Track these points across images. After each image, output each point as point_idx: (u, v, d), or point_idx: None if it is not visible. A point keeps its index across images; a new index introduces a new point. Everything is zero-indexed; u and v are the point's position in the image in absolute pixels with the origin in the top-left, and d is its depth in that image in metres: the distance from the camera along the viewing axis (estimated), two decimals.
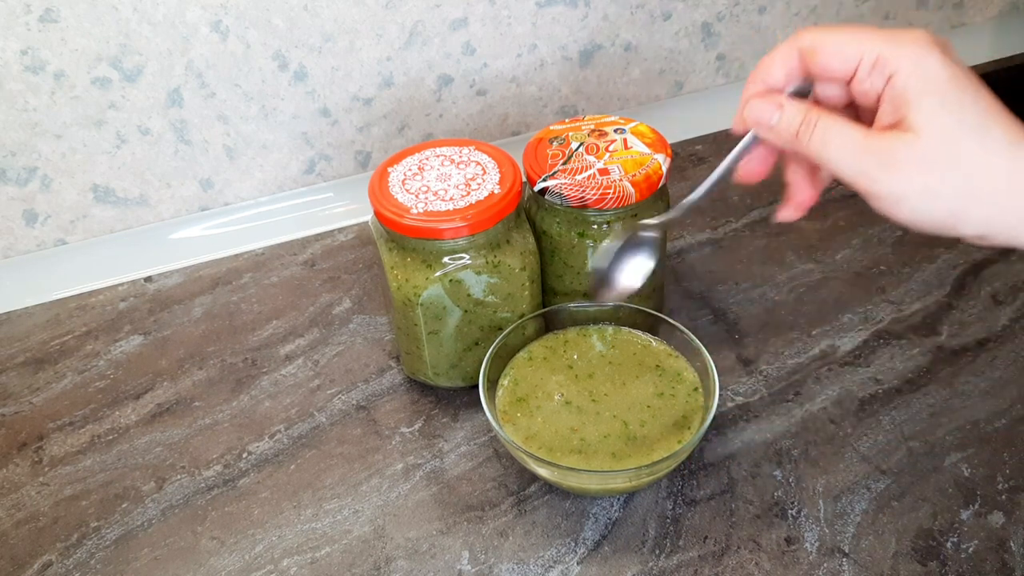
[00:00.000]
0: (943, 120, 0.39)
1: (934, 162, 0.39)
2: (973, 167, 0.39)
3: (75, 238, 0.76)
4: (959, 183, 0.39)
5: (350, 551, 0.54)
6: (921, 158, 0.39)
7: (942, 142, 0.39)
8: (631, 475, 0.52)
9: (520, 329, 0.59)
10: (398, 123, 0.80)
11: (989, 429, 0.59)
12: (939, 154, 0.39)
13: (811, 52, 0.42)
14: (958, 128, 0.39)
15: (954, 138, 0.39)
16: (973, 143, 0.39)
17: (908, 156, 0.39)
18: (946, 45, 0.40)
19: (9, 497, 0.59)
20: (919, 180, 0.39)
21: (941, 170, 0.39)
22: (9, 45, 0.65)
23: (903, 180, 0.40)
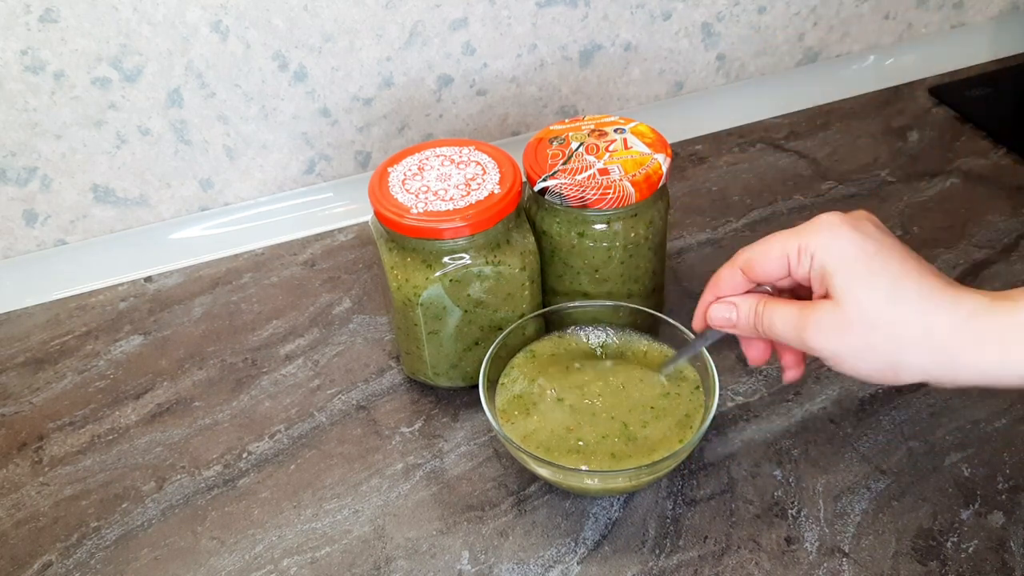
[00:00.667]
0: (856, 291, 0.45)
1: (855, 324, 0.45)
2: (890, 326, 0.44)
3: (75, 238, 0.76)
4: (881, 341, 0.45)
5: (350, 551, 0.54)
6: (844, 322, 0.45)
7: (859, 311, 0.45)
8: (630, 475, 0.52)
9: (520, 329, 0.59)
10: (398, 123, 0.80)
11: (989, 429, 0.59)
12: (858, 320, 0.45)
13: (748, 266, 0.50)
14: (870, 293, 0.45)
15: (868, 305, 0.45)
16: (884, 307, 0.44)
17: (833, 322, 0.45)
18: (858, 219, 0.47)
19: (9, 497, 0.59)
20: (846, 343, 0.45)
21: (863, 331, 0.45)
22: (9, 45, 0.66)
23: (834, 343, 0.46)
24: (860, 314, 0.45)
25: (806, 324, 0.46)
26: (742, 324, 0.50)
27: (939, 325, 0.44)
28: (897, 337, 0.44)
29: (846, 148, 0.85)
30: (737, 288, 0.51)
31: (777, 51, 0.91)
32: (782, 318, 0.48)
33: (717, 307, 0.51)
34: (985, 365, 0.43)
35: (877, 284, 0.45)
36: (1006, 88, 0.92)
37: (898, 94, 0.92)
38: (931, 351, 0.44)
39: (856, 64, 0.94)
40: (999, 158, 0.83)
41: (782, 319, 0.48)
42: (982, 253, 0.72)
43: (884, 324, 0.44)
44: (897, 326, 0.44)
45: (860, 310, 0.45)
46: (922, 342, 0.44)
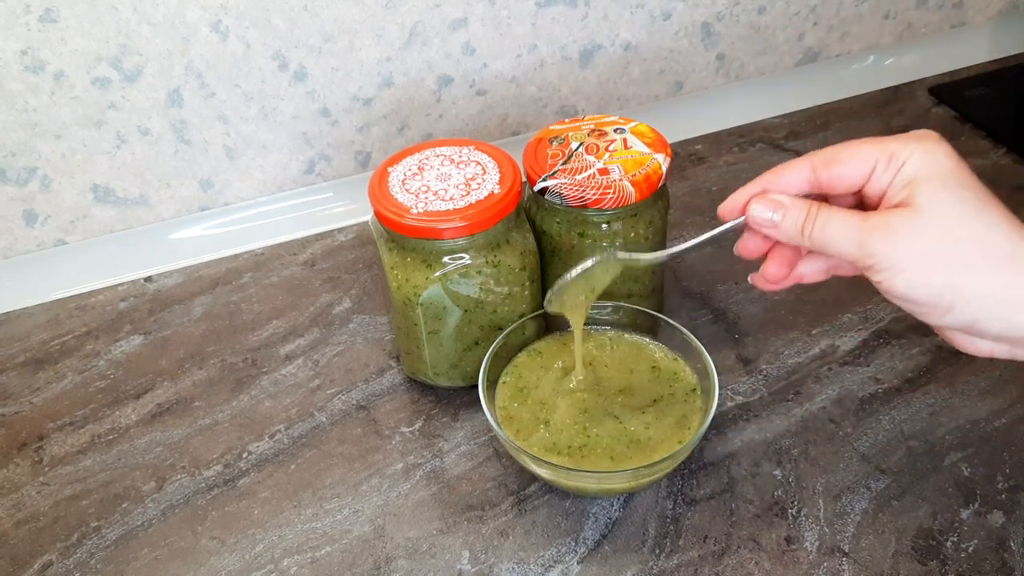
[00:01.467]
0: (943, 198, 0.41)
1: (932, 232, 0.41)
2: (970, 241, 0.41)
3: (75, 238, 0.76)
4: (956, 254, 0.41)
5: (350, 551, 0.54)
6: (920, 229, 0.41)
7: (941, 216, 0.41)
8: (630, 476, 0.52)
9: (520, 329, 0.59)
10: (398, 123, 0.80)
11: (989, 429, 0.59)
12: (938, 226, 0.41)
13: (826, 162, 0.45)
14: (957, 205, 0.41)
15: (953, 213, 0.41)
16: (971, 219, 0.41)
17: (907, 228, 0.41)
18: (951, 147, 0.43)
19: (9, 497, 0.59)
20: (917, 248, 0.41)
21: (938, 240, 0.41)
22: (9, 45, 0.66)
23: (901, 249, 0.41)
24: (942, 219, 0.41)
25: (872, 226, 0.42)
26: (787, 228, 0.45)
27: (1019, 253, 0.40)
28: (973, 255, 0.40)
29: None
30: (791, 188, 0.46)
31: (777, 51, 0.91)
32: (843, 224, 0.43)
33: (761, 202, 0.45)
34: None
35: (967, 201, 0.41)
36: (1006, 88, 0.92)
37: (898, 94, 0.92)
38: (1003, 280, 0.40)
39: (856, 64, 0.94)
40: (999, 158, 0.83)
41: (842, 225, 0.43)
42: None
43: (966, 234, 0.40)
44: (978, 239, 0.40)
45: (943, 215, 0.41)
46: (999, 266, 0.40)
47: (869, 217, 0.43)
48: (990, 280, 0.41)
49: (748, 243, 0.49)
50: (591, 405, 0.56)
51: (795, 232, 0.44)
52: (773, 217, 0.45)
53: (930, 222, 0.41)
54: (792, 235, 0.45)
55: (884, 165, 0.43)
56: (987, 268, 0.41)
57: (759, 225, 0.46)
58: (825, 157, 0.45)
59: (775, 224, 0.45)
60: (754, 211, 0.46)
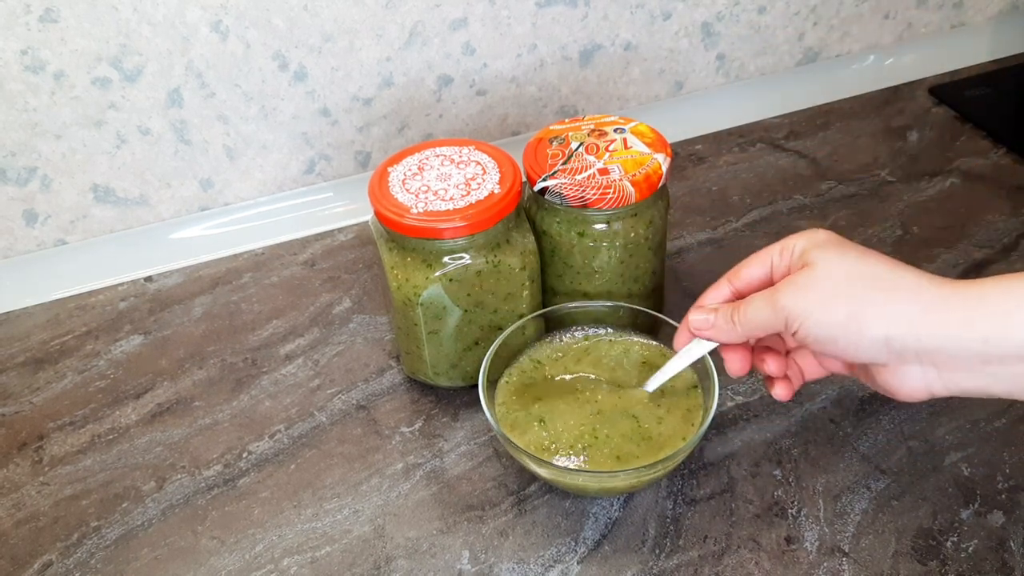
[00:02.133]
0: (831, 254, 0.48)
1: (826, 278, 0.47)
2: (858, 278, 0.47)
3: (75, 238, 0.76)
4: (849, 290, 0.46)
5: (350, 551, 0.55)
6: (816, 278, 0.47)
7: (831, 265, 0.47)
8: (629, 476, 0.52)
9: (520, 329, 0.59)
10: (398, 123, 0.80)
11: (989, 429, 0.59)
12: (829, 273, 0.47)
13: (733, 273, 0.53)
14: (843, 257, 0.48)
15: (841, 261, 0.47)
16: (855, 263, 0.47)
17: (806, 280, 0.48)
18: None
19: (9, 497, 0.59)
20: (816, 293, 0.47)
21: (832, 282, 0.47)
22: (9, 45, 0.66)
23: (804, 297, 0.47)
24: (832, 267, 0.47)
25: (778, 288, 0.48)
26: (720, 322, 0.51)
27: (907, 280, 0.46)
28: (863, 286, 0.46)
29: (846, 148, 0.85)
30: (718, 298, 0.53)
31: (777, 51, 0.91)
32: (759, 302, 0.49)
33: (697, 315, 0.53)
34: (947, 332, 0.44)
35: (850, 251, 0.48)
36: (1006, 88, 0.92)
37: (898, 94, 0.92)
38: (896, 303, 0.45)
39: (856, 64, 0.94)
40: (999, 158, 0.83)
41: (759, 303, 0.49)
42: (982, 253, 0.72)
43: (854, 273, 0.47)
44: (865, 277, 0.46)
45: (832, 264, 0.47)
46: (889, 293, 0.46)
47: (778, 284, 0.49)
48: (884, 301, 0.46)
49: (732, 363, 0.54)
50: (591, 405, 0.56)
51: (727, 324, 0.51)
52: (708, 318, 0.52)
53: (822, 270, 0.47)
54: (727, 329, 0.51)
55: (779, 256, 0.50)
56: (878, 292, 0.46)
57: (699, 330, 0.53)
58: (734, 269, 0.53)
59: (711, 324, 0.52)
60: (693, 321, 0.53)
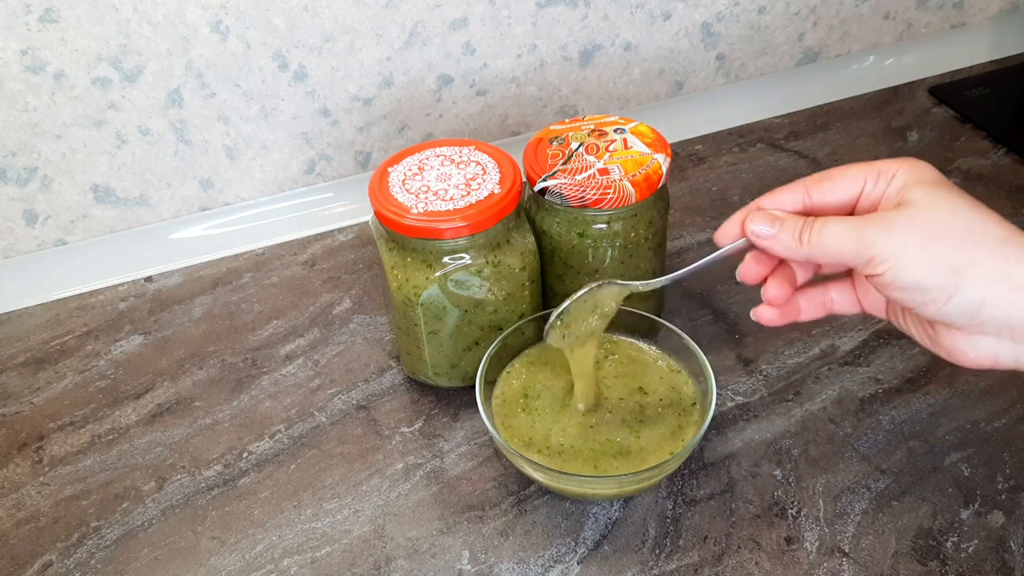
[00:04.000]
0: (937, 195, 0.43)
1: (930, 222, 0.42)
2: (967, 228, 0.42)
3: (75, 238, 0.76)
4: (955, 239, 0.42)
5: (350, 551, 0.55)
6: (919, 220, 0.42)
7: (937, 209, 0.43)
8: (626, 480, 0.52)
9: (520, 329, 0.59)
10: (398, 123, 0.80)
11: (989, 429, 0.59)
12: (935, 217, 0.42)
13: (816, 181, 0.47)
14: (951, 201, 0.43)
15: (948, 207, 0.43)
16: (965, 211, 0.43)
17: (906, 221, 0.43)
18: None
19: (9, 497, 0.59)
20: (917, 235, 0.42)
21: (937, 227, 0.42)
22: (9, 45, 0.66)
23: (902, 237, 0.42)
24: (938, 211, 0.42)
25: (870, 220, 0.43)
26: (783, 238, 0.46)
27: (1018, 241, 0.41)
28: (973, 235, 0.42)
29: (846, 148, 0.85)
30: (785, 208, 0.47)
31: (777, 51, 0.91)
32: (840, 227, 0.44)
33: (758, 214, 0.47)
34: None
35: (958, 197, 0.43)
36: (1006, 88, 0.92)
37: (898, 94, 0.92)
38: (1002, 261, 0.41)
39: (856, 64, 0.94)
40: (999, 158, 0.83)
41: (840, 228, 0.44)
42: None
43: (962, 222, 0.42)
44: (974, 226, 0.42)
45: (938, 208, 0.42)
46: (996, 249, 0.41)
47: (866, 217, 0.44)
48: (990, 261, 0.42)
49: (749, 267, 0.50)
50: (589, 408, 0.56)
51: (792, 241, 0.45)
52: (769, 229, 0.46)
53: (927, 214, 0.42)
54: (789, 244, 0.46)
55: (874, 181, 0.45)
56: (986, 250, 0.42)
57: (757, 237, 0.47)
58: (816, 177, 0.47)
59: (772, 235, 0.46)
60: (752, 223, 0.47)
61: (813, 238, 0.45)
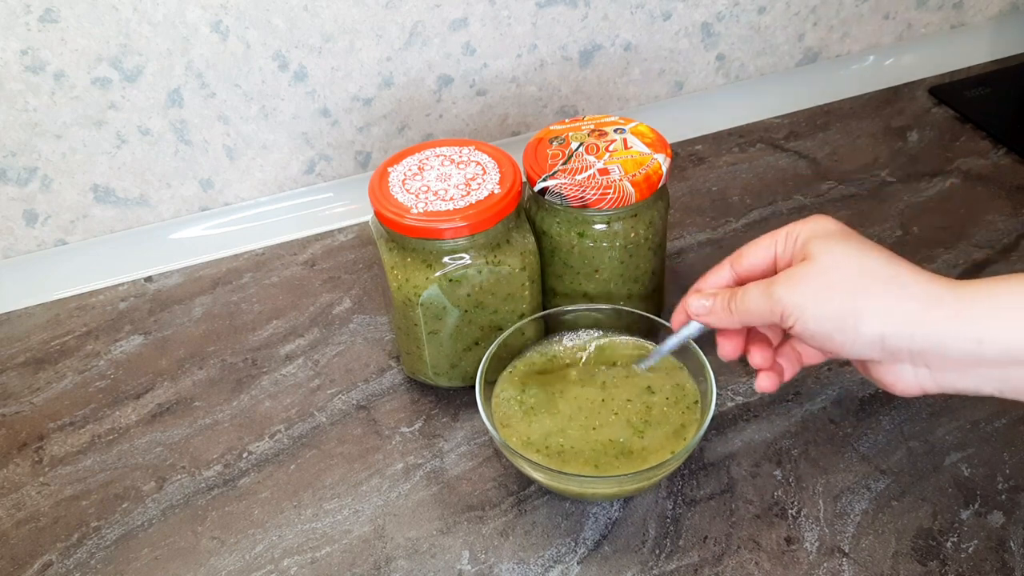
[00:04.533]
0: (831, 246, 0.47)
1: (824, 271, 0.47)
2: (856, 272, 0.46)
3: (75, 238, 0.76)
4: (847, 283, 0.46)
5: (350, 551, 0.55)
6: (814, 271, 0.47)
7: (830, 258, 0.47)
8: (626, 480, 0.52)
9: (519, 330, 0.59)
10: (398, 123, 0.80)
11: (989, 429, 0.59)
12: (828, 266, 0.47)
13: (736, 257, 0.52)
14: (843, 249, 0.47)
15: (841, 254, 0.47)
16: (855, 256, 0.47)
17: (804, 273, 0.47)
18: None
19: (9, 497, 0.59)
20: (813, 285, 0.47)
21: (830, 275, 0.46)
22: (9, 45, 0.66)
23: (801, 289, 0.47)
24: (831, 259, 0.47)
25: (776, 280, 0.48)
26: (717, 308, 0.51)
27: (905, 277, 0.45)
28: (862, 278, 0.46)
29: (846, 148, 0.85)
30: (718, 282, 0.53)
31: (777, 51, 0.91)
32: (756, 290, 0.49)
33: (695, 299, 0.53)
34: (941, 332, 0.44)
35: (851, 244, 0.47)
36: (1006, 88, 0.92)
37: (898, 94, 0.92)
38: (893, 300, 0.45)
39: (856, 64, 0.94)
40: (999, 158, 0.83)
41: (756, 291, 0.49)
42: (982, 253, 0.72)
43: (853, 267, 0.46)
44: (863, 268, 0.46)
45: (832, 256, 0.47)
46: (886, 289, 0.45)
47: (776, 276, 0.49)
48: (882, 299, 0.45)
49: (723, 347, 0.54)
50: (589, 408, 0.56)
51: (724, 311, 0.51)
52: (704, 303, 0.52)
53: (822, 264, 0.47)
54: (722, 315, 0.51)
55: (783, 244, 0.50)
56: (877, 289, 0.45)
57: (696, 315, 0.53)
58: (737, 253, 0.53)
59: (708, 310, 0.52)
60: (690, 306, 0.53)
61: (739, 305, 0.50)
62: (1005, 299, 0.43)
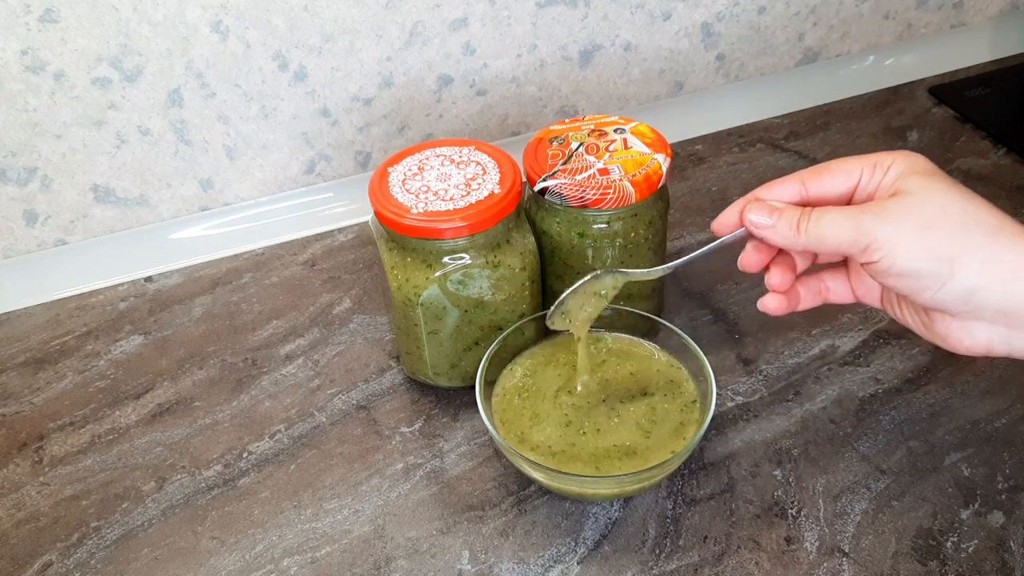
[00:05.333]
0: (932, 184, 0.44)
1: (926, 210, 0.43)
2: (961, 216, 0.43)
3: (75, 238, 0.76)
4: (950, 226, 0.43)
5: (350, 551, 0.55)
6: (914, 208, 0.43)
7: (932, 197, 0.43)
8: (626, 480, 0.52)
9: (520, 330, 0.59)
10: (398, 123, 0.80)
11: (989, 429, 0.59)
12: (930, 205, 0.43)
13: (813, 174, 0.47)
14: (945, 190, 0.43)
15: (942, 195, 0.43)
16: (960, 200, 0.43)
17: (902, 209, 0.43)
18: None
19: (9, 497, 0.59)
20: (913, 223, 0.43)
21: (932, 215, 0.43)
22: (9, 45, 0.66)
23: (898, 225, 0.43)
24: (932, 199, 0.43)
25: (867, 209, 0.44)
26: (781, 226, 0.46)
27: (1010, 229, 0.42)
28: (967, 223, 0.42)
29: (846, 148, 0.85)
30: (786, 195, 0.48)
31: (777, 51, 0.91)
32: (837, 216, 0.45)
33: (756, 205, 0.48)
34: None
35: (953, 187, 0.44)
36: (1006, 88, 0.92)
37: (898, 94, 0.92)
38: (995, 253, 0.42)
39: (856, 64, 0.94)
40: (999, 158, 0.83)
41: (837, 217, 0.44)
42: None
43: (957, 211, 0.42)
44: (968, 214, 0.42)
45: (933, 196, 0.43)
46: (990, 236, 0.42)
47: (863, 206, 0.45)
48: (983, 249, 0.42)
49: (750, 256, 0.50)
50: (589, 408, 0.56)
51: (790, 230, 0.46)
52: (767, 219, 0.47)
53: (922, 202, 0.43)
54: (787, 234, 0.47)
55: (870, 173, 0.46)
56: (979, 238, 0.42)
57: (755, 227, 0.48)
58: (813, 170, 0.47)
59: (771, 225, 0.47)
60: (750, 214, 0.48)
61: (811, 227, 0.45)
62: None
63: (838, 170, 0.47)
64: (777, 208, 0.47)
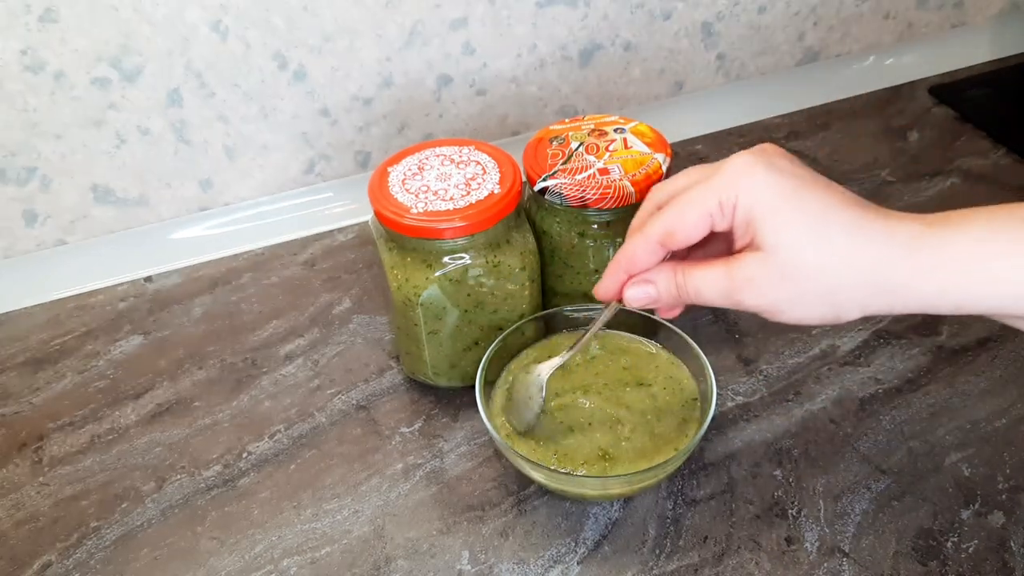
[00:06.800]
0: (783, 235, 0.43)
1: (788, 274, 0.43)
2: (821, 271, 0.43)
3: (75, 238, 0.76)
4: (816, 287, 0.43)
5: (350, 551, 0.54)
6: (776, 274, 0.43)
7: (788, 254, 0.43)
8: (626, 480, 0.52)
9: (519, 330, 0.59)
10: (398, 123, 0.80)
11: (989, 429, 0.59)
12: (789, 266, 0.43)
13: (668, 238, 0.46)
14: (798, 238, 0.43)
15: (797, 247, 0.43)
16: (813, 249, 0.43)
17: (765, 275, 0.44)
18: (771, 156, 0.44)
19: (9, 497, 0.59)
20: (783, 292, 0.44)
21: (797, 279, 0.43)
22: (9, 45, 0.65)
23: (770, 295, 0.44)
24: (790, 261, 0.43)
25: (738, 286, 0.44)
26: (664, 299, 0.48)
27: (872, 258, 0.42)
28: (831, 280, 0.43)
29: (846, 148, 0.85)
30: (651, 261, 0.48)
31: (777, 51, 0.91)
32: (709, 283, 0.45)
33: (634, 288, 0.48)
34: (923, 295, 0.42)
35: (802, 226, 0.43)
36: (1006, 88, 0.92)
37: (898, 94, 0.92)
38: (867, 286, 0.43)
39: (856, 64, 0.94)
40: (999, 158, 0.83)
41: (709, 285, 0.45)
42: None
43: (815, 270, 0.43)
44: (827, 270, 0.43)
45: (790, 257, 0.43)
46: (857, 280, 0.43)
47: (732, 268, 0.45)
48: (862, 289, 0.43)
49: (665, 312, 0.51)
50: (589, 408, 0.56)
51: (672, 299, 0.48)
52: (648, 294, 0.48)
53: (782, 267, 0.43)
54: (671, 302, 0.48)
55: (719, 216, 0.45)
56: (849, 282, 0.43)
57: (643, 305, 0.49)
58: (666, 231, 0.46)
59: (654, 299, 0.48)
60: (632, 295, 0.49)
61: (689, 288, 0.46)
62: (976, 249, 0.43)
63: (685, 223, 0.46)
64: (651, 281, 0.48)
